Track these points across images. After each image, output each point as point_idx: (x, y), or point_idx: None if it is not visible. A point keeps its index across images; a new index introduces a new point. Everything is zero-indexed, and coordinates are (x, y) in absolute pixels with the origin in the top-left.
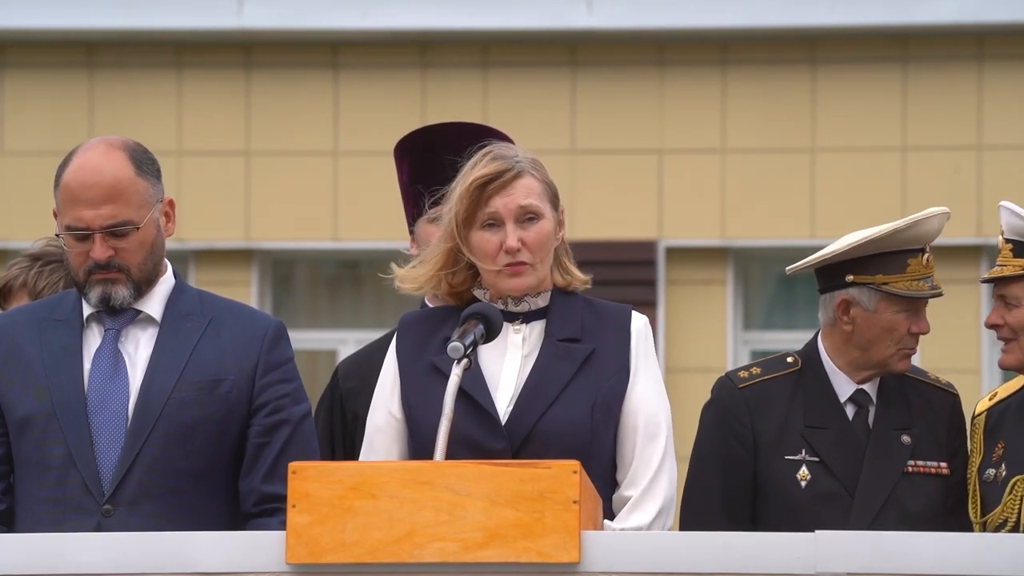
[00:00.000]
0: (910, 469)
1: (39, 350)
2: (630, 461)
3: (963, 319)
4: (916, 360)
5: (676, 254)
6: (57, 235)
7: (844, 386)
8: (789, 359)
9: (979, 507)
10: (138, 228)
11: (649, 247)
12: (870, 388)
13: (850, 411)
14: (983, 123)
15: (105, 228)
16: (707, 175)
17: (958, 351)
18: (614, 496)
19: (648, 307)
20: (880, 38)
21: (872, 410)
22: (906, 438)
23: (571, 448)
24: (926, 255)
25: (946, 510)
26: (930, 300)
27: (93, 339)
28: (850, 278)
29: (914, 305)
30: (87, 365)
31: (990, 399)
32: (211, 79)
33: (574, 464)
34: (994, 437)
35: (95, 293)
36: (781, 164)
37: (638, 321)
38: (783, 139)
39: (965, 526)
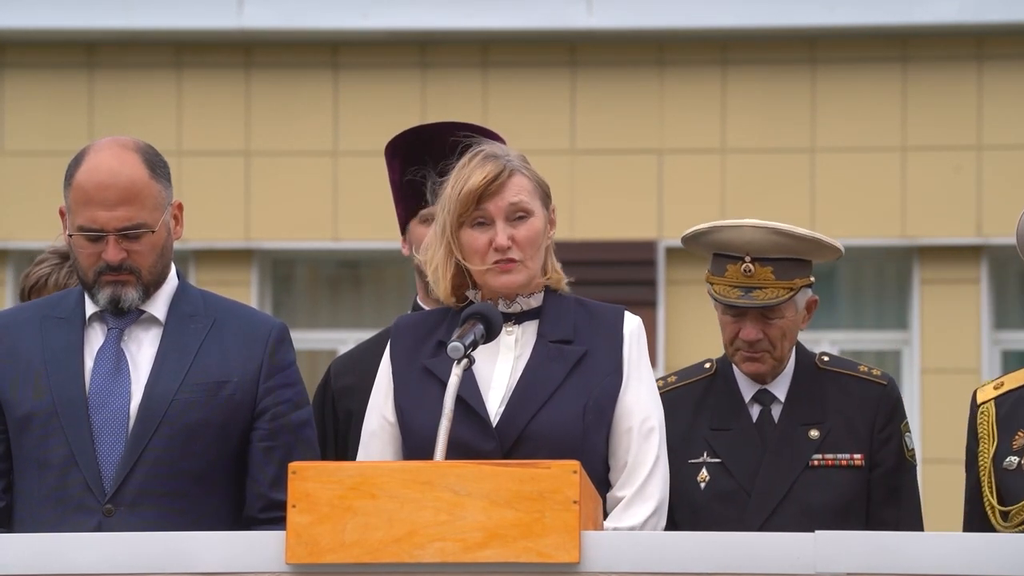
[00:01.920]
0: (816, 463)
1: (40, 348)
2: (623, 462)
3: (963, 319)
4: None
5: (676, 254)
6: (70, 235)
7: (748, 387)
8: (707, 364)
9: (996, 495)
10: (153, 231)
11: (649, 247)
12: (776, 386)
13: (755, 411)
14: (983, 123)
15: (120, 231)
16: (707, 175)
17: (958, 351)
18: (607, 496)
19: (648, 307)
20: (880, 38)
21: (778, 407)
22: (814, 432)
23: (562, 449)
24: (745, 264)
25: (866, 501)
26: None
27: (95, 338)
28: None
29: (739, 311)
30: (88, 364)
31: (995, 388)
32: (211, 79)
33: (574, 464)
34: (1011, 425)
35: (105, 294)
36: (781, 164)
37: (631, 322)
38: (783, 139)
39: (903, 520)
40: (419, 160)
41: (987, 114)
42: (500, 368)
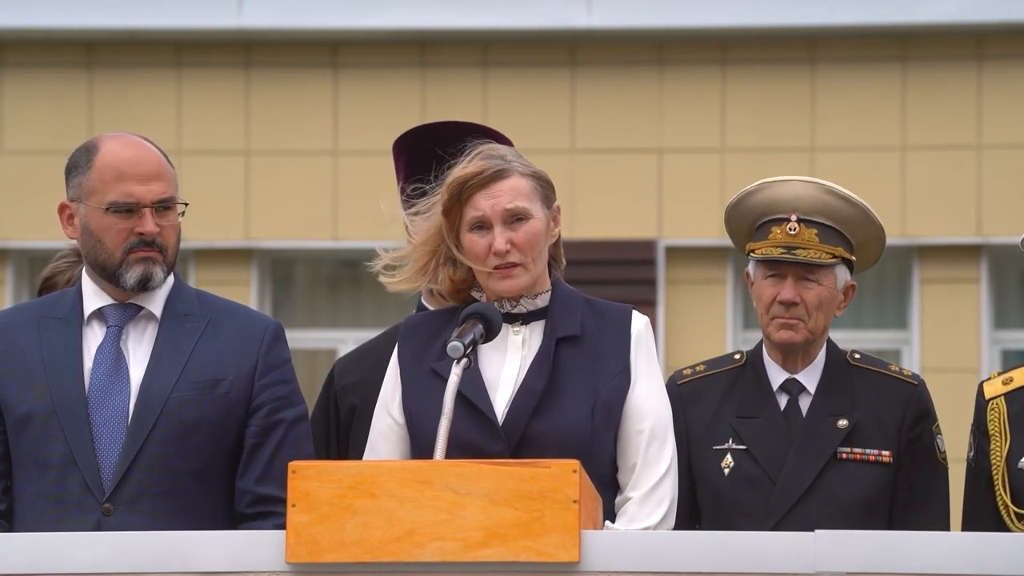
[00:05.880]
0: (843, 455)
1: (39, 348)
2: (633, 463)
3: (963, 318)
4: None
5: (676, 254)
6: (105, 209)
7: (777, 376)
8: (736, 355)
9: (1009, 495)
10: (185, 205)
11: (649, 247)
12: (805, 377)
13: (782, 400)
14: (982, 122)
15: (156, 202)
16: (707, 175)
17: (958, 351)
18: (617, 499)
19: (648, 307)
20: (880, 38)
21: (806, 398)
22: (842, 422)
23: (570, 450)
24: (790, 224)
25: (893, 501)
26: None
27: (94, 337)
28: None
29: (779, 271)
30: (88, 363)
31: (1004, 383)
32: (211, 79)
33: (574, 463)
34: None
35: (135, 272)
36: (781, 164)
37: (639, 322)
38: (783, 139)
39: (931, 523)
40: (425, 158)
41: (987, 114)
42: (508, 368)
